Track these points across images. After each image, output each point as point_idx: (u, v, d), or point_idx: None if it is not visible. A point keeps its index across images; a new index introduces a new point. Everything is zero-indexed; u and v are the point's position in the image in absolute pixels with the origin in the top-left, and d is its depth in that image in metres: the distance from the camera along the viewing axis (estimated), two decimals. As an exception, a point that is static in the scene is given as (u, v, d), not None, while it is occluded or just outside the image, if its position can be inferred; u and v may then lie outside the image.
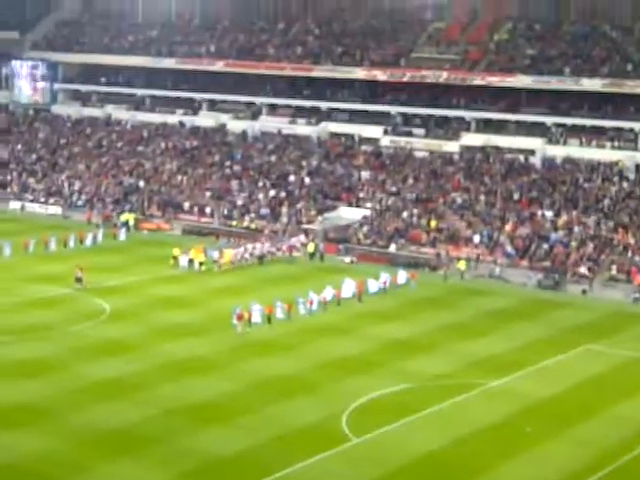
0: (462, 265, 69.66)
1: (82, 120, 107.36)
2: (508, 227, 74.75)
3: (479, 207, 78.35)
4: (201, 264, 68.63)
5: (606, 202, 75.68)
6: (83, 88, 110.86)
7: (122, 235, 79.07)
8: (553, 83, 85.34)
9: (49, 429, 39.31)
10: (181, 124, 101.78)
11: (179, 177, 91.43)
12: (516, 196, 78.75)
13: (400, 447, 38.70)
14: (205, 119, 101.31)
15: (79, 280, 62.24)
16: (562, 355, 51.81)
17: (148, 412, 41.51)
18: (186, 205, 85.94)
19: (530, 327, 57.31)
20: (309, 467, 36.58)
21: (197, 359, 49.20)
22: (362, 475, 36.10)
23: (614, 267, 67.80)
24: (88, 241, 76.40)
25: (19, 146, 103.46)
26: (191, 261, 69.06)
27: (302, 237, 76.20)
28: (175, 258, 69.48)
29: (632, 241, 70.32)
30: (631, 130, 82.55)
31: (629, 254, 69.18)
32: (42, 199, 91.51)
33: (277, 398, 43.82)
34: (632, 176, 78.77)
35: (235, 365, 48.43)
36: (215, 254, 69.46)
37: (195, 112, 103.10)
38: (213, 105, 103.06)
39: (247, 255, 71.27)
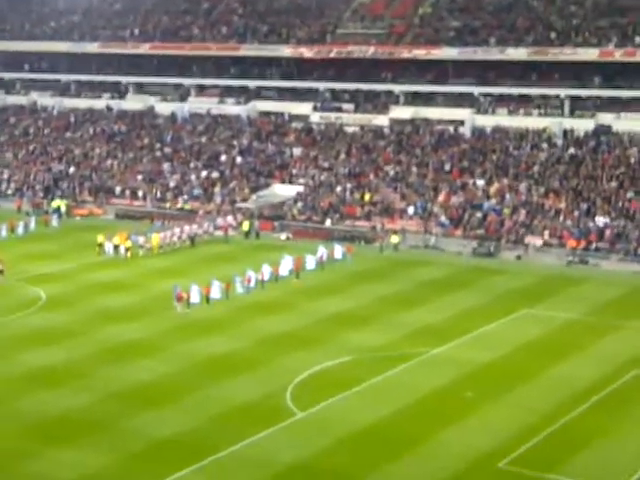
0: (395, 239, 70.07)
1: (7, 108, 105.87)
2: (441, 197, 75.33)
3: (411, 179, 78.80)
4: (127, 249, 67.27)
5: (536, 168, 76.58)
6: (6, 76, 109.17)
7: (54, 222, 78.17)
8: (479, 53, 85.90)
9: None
10: (108, 108, 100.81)
11: (109, 161, 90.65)
12: (447, 167, 79.35)
13: (345, 419, 38.91)
14: (133, 102, 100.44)
15: (0, 272, 60.98)
16: (499, 321, 52.42)
17: (90, 397, 41.21)
18: (118, 189, 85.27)
19: (467, 295, 57.87)
20: (256, 443, 36.64)
21: (137, 342, 48.93)
22: (309, 448, 36.25)
23: (546, 232, 68.67)
24: (20, 229, 75.41)
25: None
26: (116, 247, 67.79)
27: (230, 217, 75.65)
28: (100, 245, 68.19)
29: (563, 206, 71.26)
30: (557, 97, 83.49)
31: (561, 219, 70.11)
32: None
33: (219, 377, 43.76)
34: (560, 142, 79.76)
35: (176, 346, 48.26)
36: (140, 239, 68.34)
37: (122, 96, 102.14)
38: (140, 88, 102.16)
39: (175, 238, 70.16)
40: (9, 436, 37.13)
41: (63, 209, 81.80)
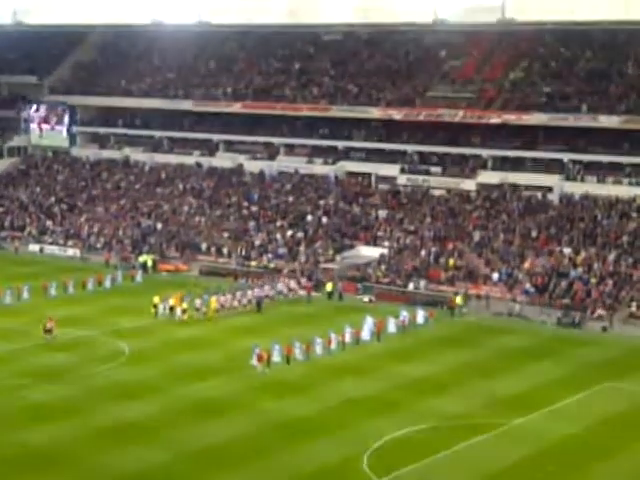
0: (459, 300, 69.57)
1: (100, 162, 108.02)
2: (527, 264, 74.58)
3: (497, 245, 78.23)
4: (183, 311, 66.06)
5: (625, 238, 75.44)
6: (101, 130, 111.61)
7: (139, 277, 79.17)
8: (570, 120, 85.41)
9: (72, 473, 39.24)
10: (198, 165, 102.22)
11: (197, 218, 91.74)
12: (534, 233, 78.60)
13: (421, 488, 38.45)
14: (222, 160, 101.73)
15: (49, 331, 60.19)
16: (582, 393, 51.42)
17: (167, 455, 41.41)
18: (204, 246, 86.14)
19: (550, 366, 56.95)
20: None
21: (216, 400, 49.10)
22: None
23: (634, 304, 67.45)
24: (107, 283, 76.55)
25: (38, 189, 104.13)
26: (172, 309, 66.63)
27: (292, 282, 74.68)
28: (155, 306, 66.94)
29: (652, 277, 70.05)
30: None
31: (649, 291, 68.89)
32: (61, 241, 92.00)
33: (296, 439, 43.63)
34: (650, 212, 78.60)
35: (254, 406, 48.29)
36: (198, 302, 67.17)
37: (212, 153, 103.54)
38: (230, 146, 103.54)
39: (236, 302, 68.82)
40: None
41: (150, 264, 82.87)
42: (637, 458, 42.43)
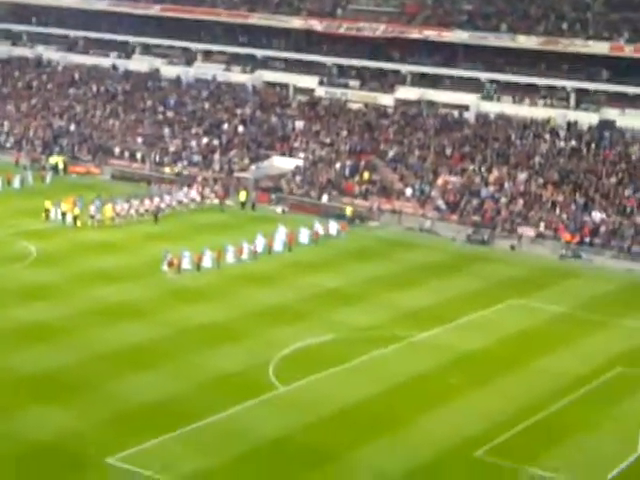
0: (348, 212, 70.33)
1: (11, 60, 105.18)
2: (440, 181, 75.12)
3: (412, 161, 78.53)
4: (75, 218, 64.32)
5: (536, 159, 76.30)
6: (14, 27, 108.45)
7: (49, 178, 77.75)
8: (489, 39, 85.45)
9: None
10: (114, 67, 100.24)
11: (111, 121, 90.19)
12: (449, 151, 79.04)
13: (327, 396, 38.92)
14: (138, 63, 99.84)
15: None
16: (489, 309, 52.35)
17: (75, 357, 41.34)
18: (117, 150, 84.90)
19: (458, 281, 57.77)
20: (236, 414, 36.67)
21: (125, 304, 48.89)
22: (288, 423, 36.29)
23: (542, 224, 68.52)
24: (16, 183, 75.12)
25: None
26: (64, 214, 64.80)
27: (193, 192, 73.35)
28: (47, 210, 65.03)
29: (561, 198, 71.08)
30: (563, 88, 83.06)
31: (557, 211, 69.93)
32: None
33: (204, 345, 43.78)
34: (563, 134, 79.43)
35: (163, 311, 48.25)
36: (92, 208, 65.12)
37: (128, 56, 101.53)
38: (147, 49, 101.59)
39: (132, 211, 66.96)
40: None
41: (61, 166, 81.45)
42: (538, 371, 43.44)
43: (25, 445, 33.14)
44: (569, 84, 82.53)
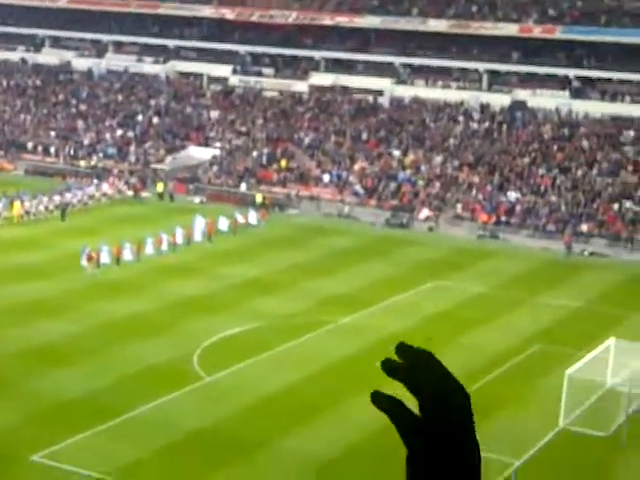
0: (258, 198, 70.78)
1: None
2: (357, 167, 75.52)
3: (328, 147, 78.83)
4: None
5: (452, 141, 77.13)
6: None
7: (-39, 175, 76.58)
8: (400, 23, 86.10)
9: None
10: (23, 61, 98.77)
11: (22, 116, 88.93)
12: (365, 136, 79.50)
13: (252, 384, 38.93)
14: (48, 56, 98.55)
15: None
16: (410, 292, 52.84)
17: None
18: (30, 145, 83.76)
19: (378, 265, 58.18)
20: (161, 406, 36.47)
21: (44, 301, 48.26)
22: (215, 413, 36.21)
23: (459, 205, 69.33)
24: None
25: None
26: None
27: (105, 185, 72.57)
28: None
29: (476, 179, 71.97)
30: (475, 71, 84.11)
31: (474, 192, 70.83)
32: None
33: (126, 339, 43.41)
34: (477, 116, 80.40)
35: (83, 307, 47.73)
36: (0, 206, 64.09)
37: (38, 49, 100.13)
38: (57, 42, 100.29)
39: (41, 207, 65.67)
40: None
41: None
42: (460, 350, 43.93)
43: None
44: (481, 66, 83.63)
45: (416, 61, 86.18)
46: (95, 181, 73.77)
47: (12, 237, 60.04)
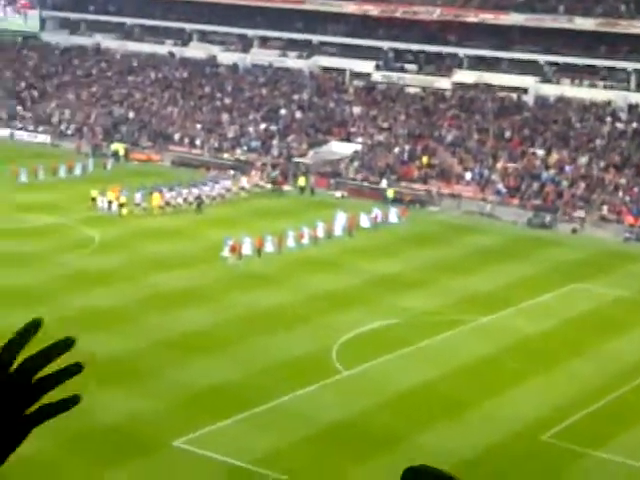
0: (390, 194, 70.06)
1: (71, 48, 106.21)
2: (500, 165, 74.66)
3: (471, 144, 78.15)
4: (121, 205, 63.62)
5: (598, 142, 75.55)
6: (72, 16, 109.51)
7: (110, 165, 78.58)
8: (547, 21, 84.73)
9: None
10: (171, 55, 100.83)
11: (169, 108, 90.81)
12: (508, 134, 78.54)
13: (389, 380, 38.94)
14: (195, 50, 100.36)
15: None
16: (551, 293, 51.99)
17: (138, 343, 41.56)
18: (176, 136, 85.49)
19: (519, 265, 57.40)
20: (298, 398, 36.82)
21: (186, 291, 49.16)
22: (352, 407, 36.35)
23: (605, 207, 67.88)
24: (77, 170, 75.93)
25: (7, 73, 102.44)
26: (110, 202, 64.24)
27: (244, 180, 72.79)
28: (93, 199, 64.78)
29: (623, 181, 70.33)
30: (624, 70, 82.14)
31: (620, 194, 69.23)
32: (31, 127, 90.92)
33: (266, 330, 43.90)
34: (624, 116, 78.56)
35: (224, 297, 48.43)
36: (138, 196, 64.71)
37: (185, 43, 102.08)
38: (203, 36, 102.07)
39: (180, 200, 66.22)
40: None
41: (121, 153, 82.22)
42: (604, 355, 43.11)
43: (92, 427, 33.42)
44: (629, 65, 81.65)
45: (562, 59, 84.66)
46: (231, 172, 74.80)
47: (152, 228, 61.28)
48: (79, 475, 30.28)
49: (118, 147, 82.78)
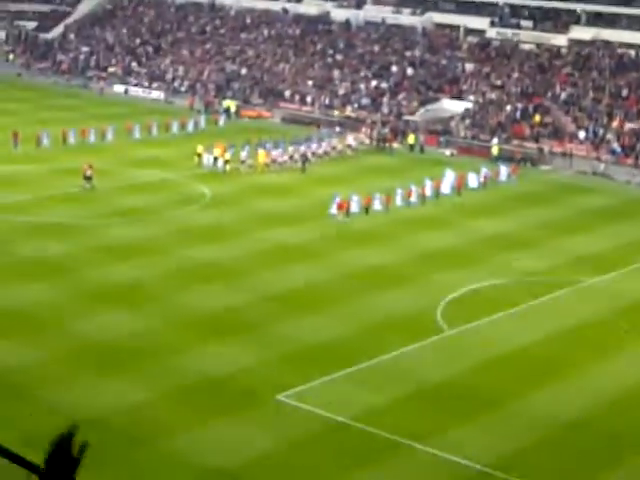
0: (495, 151, 69.79)
1: (186, 5, 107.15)
2: (615, 124, 72.99)
3: (585, 103, 76.54)
4: (226, 162, 63.55)
5: None
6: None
7: (222, 121, 79.33)
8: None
9: (149, 310, 40.18)
10: (284, 11, 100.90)
11: (281, 65, 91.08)
12: (625, 92, 76.65)
13: (494, 340, 38.70)
14: (309, 7, 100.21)
15: (88, 179, 57.69)
16: (666, 254, 50.83)
17: (245, 297, 42.10)
18: (287, 93, 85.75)
19: (632, 226, 56.23)
20: (402, 355, 36.85)
21: (295, 246, 49.53)
22: (454, 366, 36.26)
23: None
24: (190, 127, 76.84)
25: (124, 30, 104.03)
26: (216, 159, 64.26)
27: (350, 137, 71.91)
28: (199, 155, 64.85)
29: None
30: None
31: None
32: (145, 83, 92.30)
33: (373, 288, 44.00)
34: None
35: (332, 254, 48.63)
36: (243, 154, 64.54)
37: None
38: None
39: (286, 157, 65.65)
40: (164, 329, 38.29)
41: (233, 109, 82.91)
42: None
43: (200, 379, 34.07)
44: None
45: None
46: (337, 129, 74.71)
47: (262, 184, 61.66)
48: (185, 425, 30.90)
49: (230, 104, 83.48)
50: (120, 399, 32.25)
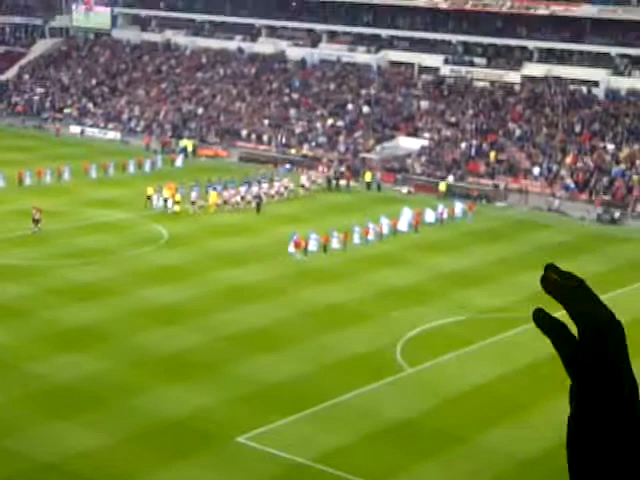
0: (442, 187, 70.71)
1: (141, 45, 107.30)
2: (569, 160, 73.80)
3: (539, 139, 77.35)
4: (176, 203, 63.27)
5: (670, 136, 74.37)
6: (142, 12, 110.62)
7: (179, 161, 79.26)
8: (619, 12, 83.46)
9: (105, 352, 39.86)
10: (240, 50, 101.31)
11: (237, 104, 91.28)
12: (578, 128, 77.59)
13: (454, 378, 38.74)
14: (264, 46, 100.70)
15: (36, 222, 57.01)
16: (620, 290, 51.21)
17: (202, 338, 41.88)
18: (244, 132, 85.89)
19: (588, 262, 56.55)
20: (362, 395, 36.77)
21: (253, 286, 49.41)
22: (415, 405, 36.24)
23: (676, 202, 66.82)
24: (147, 167, 76.69)
25: (79, 70, 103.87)
26: (166, 200, 63.91)
27: (304, 178, 71.05)
28: (149, 197, 64.45)
29: (695, 176, 69.13)
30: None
31: (692, 189, 68.08)
32: (101, 124, 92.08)
33: (331, 327, 43.94)
34: (698, 110, 77.21)
35: (289, 293, 48.58)
36: (193, 194, 63.81)
37: (254, 38, 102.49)
38: (272, 31, 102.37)
39: (239, 198, 65.23)
40: (120, 371, 37.98)
41: (190, 149, 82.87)
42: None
43: (158, 421, 33.80)
44: None
45: (634, 51, 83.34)
46: (287, 166, 75.06)
47: (229, 222, 61.64)
48: (144, 469, 30.58)
49: (187, 143, 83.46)
50: (78, 443, 31.86)
